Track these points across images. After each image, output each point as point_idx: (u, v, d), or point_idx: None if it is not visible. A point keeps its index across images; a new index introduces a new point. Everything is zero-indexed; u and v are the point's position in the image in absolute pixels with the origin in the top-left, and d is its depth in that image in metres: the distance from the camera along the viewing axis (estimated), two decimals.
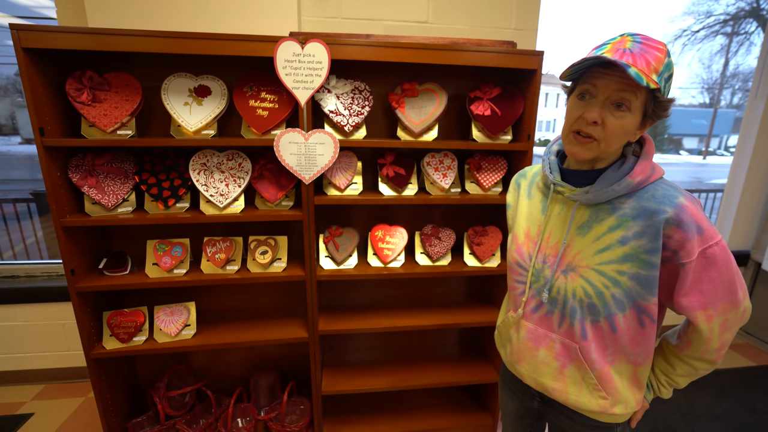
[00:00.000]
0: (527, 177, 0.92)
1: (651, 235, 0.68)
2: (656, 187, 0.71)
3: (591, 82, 0.68)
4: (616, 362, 0.78)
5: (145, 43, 1.16)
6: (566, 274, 0.76)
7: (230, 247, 1.45)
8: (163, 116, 1.37)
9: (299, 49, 1.21)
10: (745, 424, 1.79)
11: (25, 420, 1.75)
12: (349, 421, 1.71)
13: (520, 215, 0.88)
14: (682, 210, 0.67)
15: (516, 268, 0.86)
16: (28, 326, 1.93)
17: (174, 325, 1.45)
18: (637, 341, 0.75)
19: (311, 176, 1.33)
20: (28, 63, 1.13)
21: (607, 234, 0.72)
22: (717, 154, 19.23)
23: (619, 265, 0.71)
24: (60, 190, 1.26)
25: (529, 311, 0.84)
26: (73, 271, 1.30)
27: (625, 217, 0.71)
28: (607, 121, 0.67)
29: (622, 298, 0.72)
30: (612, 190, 0.70)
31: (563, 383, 0.81)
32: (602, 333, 0.75)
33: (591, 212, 0.74)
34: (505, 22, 1.71)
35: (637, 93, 0.65)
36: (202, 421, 1.64)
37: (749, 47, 10.20)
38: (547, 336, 0.81)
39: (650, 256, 0.69)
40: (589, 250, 0.74)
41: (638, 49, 0.64)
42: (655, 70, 0.63)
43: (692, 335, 0.76)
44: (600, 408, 0.79)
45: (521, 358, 0.86)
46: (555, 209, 0.80)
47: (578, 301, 0.75)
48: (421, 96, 1.44)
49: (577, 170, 0.77)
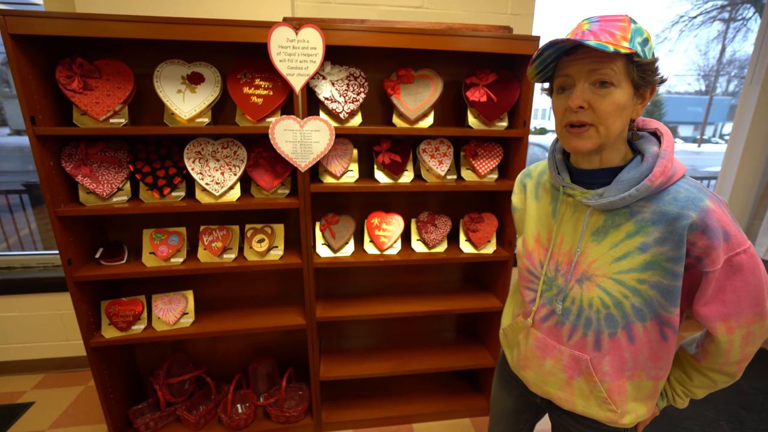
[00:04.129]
0: (533, 177, 0.86)
1: (674, 242, 0.63)
2: (678, 188, 0.64)
3: (564, 73, 0.65)
4: (636, 377, 0.73)
5: (137, 29, 1.14)
6: (581, 283, 0.71)
7: (227, 236, 1.46)
8: (156, 104, 1.36)
9: (293, 35, 1.20)
10: (732, 404, 1.84)
11: (26, 408, 1.77)
12: (346, 406, 1.74)
13: (529, 219, 0.82)
14: (708, 214, 0.61)
15: (526, 275, 0.82)
16: (26, 317, 1.93)
17: (172, 314, 1.46)
18: (659, 355, 0.71)
19: (307, 164, 1.33)
20: (17, 50, 1.10)
21: (626, 240, 0.66)
22: (712, 142, 19.31)
23: (640, 273, 0.66)
24: (54, 179, 1.25)
25: (539, 320, 0.79)
26: (70, 260, 1.30)
27: (645, 222, 0.65)
28: (593, 102, 0.62)
29: (643, 307, 0.67)
30: (629, 195, 0.64)
31: (570, 394, 0.77)
32: (620, 345, 0.70)
33: (606, 216, 0.68)
34: (502, 7, 1.70)
35: (613, 65, 0.61)
36: (201, 407, 1.67)
37: (746, 33, 10.16)
38: (555, 348, 0.76)
39: (673, 264, 0.63)
40: (606, 258, 0.68)
41: (597, 27, 0.61)
42: (623, 38, 0.60)
43: (710, 346, 0.72)
44: (608, 420, 0.76)
45: (528, 365, 0.83)
46: (566, 213, 0.74)
47: (595, 312, 0.70)
48: (416, 82, 1.43)
49: (587, 170, 0.71)
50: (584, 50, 0.62)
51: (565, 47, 0.63)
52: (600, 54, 0.60)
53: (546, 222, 0.79)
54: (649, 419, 0.81)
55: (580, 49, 0.62)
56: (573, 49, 0.63)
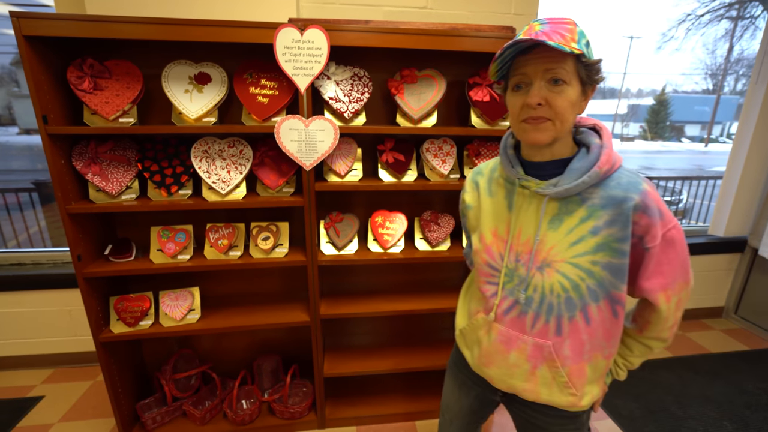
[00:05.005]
0: (484, 174, 0.88)
1: (621, 222, 0.69)
2: (620, 175, 0.71)
3: (520, 71, 0.69)
4: (593, 359, 0.77)
5: (145, 30, 1.16)
6: (542, 270, 0.75)
7: (233, 233, 1.48)
8: (164, 104, 1.38)
9: (299, 36, 1.22)
10: (736, 404, 1.84)
11: (36, 402, 1.80)
12: (350, 403, 1.76)
13: (485, 215, 0.84)
14: (647, 196, 0.69)
15: (486, 269, 0.83)
16: (36, 312, 1.97)
17: (179, 310, 1.48)
18: (612, 333, 0.76)
19: (312, 163, 1.34)
20: (30, 51, 1.13)
21: (579, 225, 0.71)
22: (719, 142, 19.08)
23: (593, 255, 0.71)
24: (65, 177, 1.28)
25: (501, 313, 0.81)
26: (80, 257, 1.33)
27: (595, 207, 0.70)
28: (550, 99, 0.67)
29: (596, 288, 0.72)
30: (582, 182, 0.69)
31: (534, 384, 0.80)
32: (578, 327, 0.74)
33: (560, 205, 0.73)
34: (505, 7, 1.71)
35: (565, 65, 0.66)
36: (207, 402, 1.69)
37: (754, 31, 10.06)
38: (519, 338, 0.79)
39: (621, 244, 0.70)
40: (563, 243, 0.72)
41: (548, 29, 0.65)
42: (572, 39, 0.64)
43: (651, 316, 0.78)
44: (569, 404, 0.80)
45: (491, 361, 0.84)
46: (523, 204, 0.77)
47: (556, 297, 0.74)
48: (420, 82, 1.45)
49: (539, 162, 0.75)
50: (540, 50, 0.66)
51: (523, 46, 0.66)
52: (554, 54, 0.65)
53: (503, 215, 0.81)
54: (602, 397, 0.86)
55: (536, 48, 0.66)
56: (529, 49, 0.67)
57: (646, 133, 20.65)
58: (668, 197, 4.48)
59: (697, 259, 2.53)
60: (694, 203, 4.47)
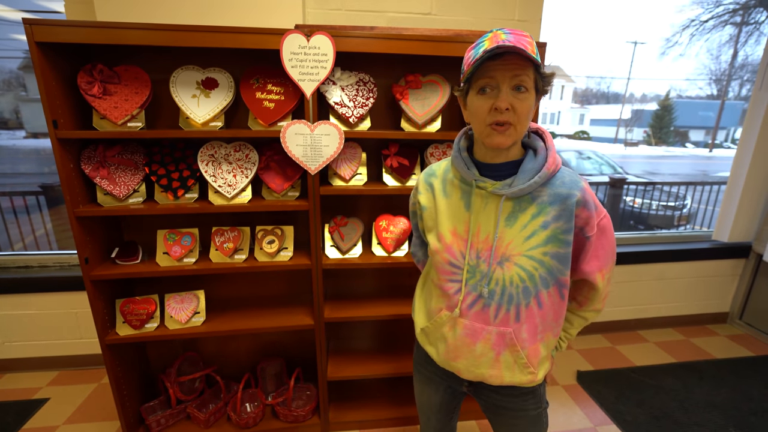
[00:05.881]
0: (438, 176, 0.91)
1: (566, 216, 0.78)
2: (563, 174, 0.80)
3: (488, 75, 0.72)
4: (545, 338, 0.86)
5: (154, 36, 1.18)
6: (502, 264, 0.80)
7: (238, 237, 1.49)
8: (172, 108, 1.40)
9: (305, 42, 1.23)
10: (742, 411, 1.82)
11: (41, 404, 1.82)
12: (354, 407, 1.76)
13: (442, 215, 0.87)
14: (585, 192, 0.78)
15: (448, 268, 0.86)
16: (42, 315, 1.98)
17: (184, 313, 1.49)
18: (560, 313, 0.86)
19: (317, 167, 1.36)
20: (42, 57, 1.15)
21: (531, 221, 0.79)
22: (724, 147, 19.01)
23: (544, 247, 0.79)
24: (73, 181, 1.30)
25: (465, 308, 0.85)
26: (87, 259, 1.35)
27: (544, 204, 0.78)
28: (515, 105, 0.72)
29: (547, 276, 0.80)
30: (534, 182, 0.77)
31: (499, 369, 0.86)
32: (533, 312, 0.82)
33: (514, 203, 0.80)
34: (509, 13, 1.72)
35: (528, 73, 0.72)
36: (211, 405, 1.70)
37: (759, 37, 10.05)
38: (483, 330, 0.84)
39: (566, 235, 0.78)
40: (519, 238, 0.79)
41: (513, 39, 0.69)
42: (532, 51, 0.70)
43: (590, 293, 0.89)
44: (529, 381, 0.88)
45: (458, 354, 0.88)
46: (480, 204, 0.82)
47: (515, 287, 0.80)
48: (424, 88, 1.46)
49: (494, 164, 0.81)
50: (509, 57, 0.71)
51: (494, 52, 0.69)
52: (521, 62, 0.71)
53: (460, 215, 0.85)
54: (551, 368, 0.95)
55: (506, 55, 0.71)
56: (498, 56, 0.71)
57: (650, 138, 20.61)
58: (672, 202, 4.46)
59: (701, 265, 2.52)
60: (698, 208, 4.45)
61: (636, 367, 2.15)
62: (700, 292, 2.58)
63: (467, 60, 0.75)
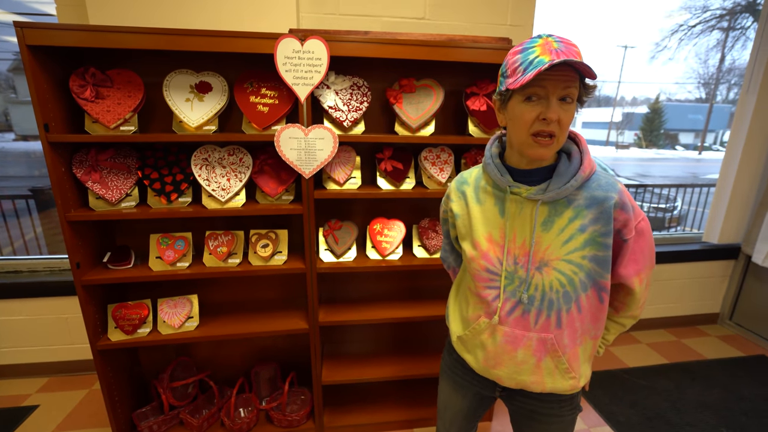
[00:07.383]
0: (470, 183, 0.91)
1: (604, 219, 0.76)
2: (599, 177, 0.79)
3: (540, 84, 0.70)
4: (583, 342, 0.84)
5: (147, 40, 1.18)
6: (541, 270, 0.80)
7: (232, 241, 1.48)
8: (165, 112, 1.39)
9: (299, 46, 1.24)
10: (733, 411, 1.85)
11: (30, 411, 1.79)
12: (349, 411, 1.76)
13: (476, 222, 0.87)
14: (623, 194, 0.77)
15: (485, 275, 0.85)
16: (31, 320, 1.95)
17: (177, 317, 1.48)
18: (598, 317, 0.83)
19: (311, 171, 1.36)
20: (33, 60, 1.14)
21: (569, 225, 0.78)
22: (713, 150, 19.30)
23: (582, 251, 0.78)
24: (65, 185, 1.28)
25: (504, 315, 0.84)
26: (78, 264, 1.33)
27: (580, 207, 0.78)
28: (561, 116, 0.71)
29: (586, 279, 0.79)
30: (569, 186, 0.76)
31: (540, 376, 0.84)
32: (573, 317, 0.81)
33: (550, 207, 0.79)
34: (501, 18, 1.74)
35: (576, 85, 0.72)
36: (205, 410, 1.68)
37: (745, 42, 10.25)
38: (524, 336, 0.82)
39: (605, 238, 0.77)
40: (557, 243, 0.79)
41: (564, 48, 0.69)
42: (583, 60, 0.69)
43: (627, 298, 0.87)
44: (571, 387, 0.85)
45: (499, 362, 0.86)
46: (515, 210, 0.81)
47: (555, 293, 0.79)
48: (418, 92, 1.47)
49: (528, 169, 0.80)
50: (562, 68, 0.69)
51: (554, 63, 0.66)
52: (572, 74, 0.70)
53: (495, 221, 0.84)
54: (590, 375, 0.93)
55: (560, 65, 0.69)
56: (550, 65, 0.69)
57: (640, 141, 20.87)
58: (663, 204, 4.52)
59: (692, 266, 2.55)
60: (688, 210, 4.51)
61: (629, 369, 2.17)
62: (691, 294, 2.61)
63: (513, 64, 0.73)
